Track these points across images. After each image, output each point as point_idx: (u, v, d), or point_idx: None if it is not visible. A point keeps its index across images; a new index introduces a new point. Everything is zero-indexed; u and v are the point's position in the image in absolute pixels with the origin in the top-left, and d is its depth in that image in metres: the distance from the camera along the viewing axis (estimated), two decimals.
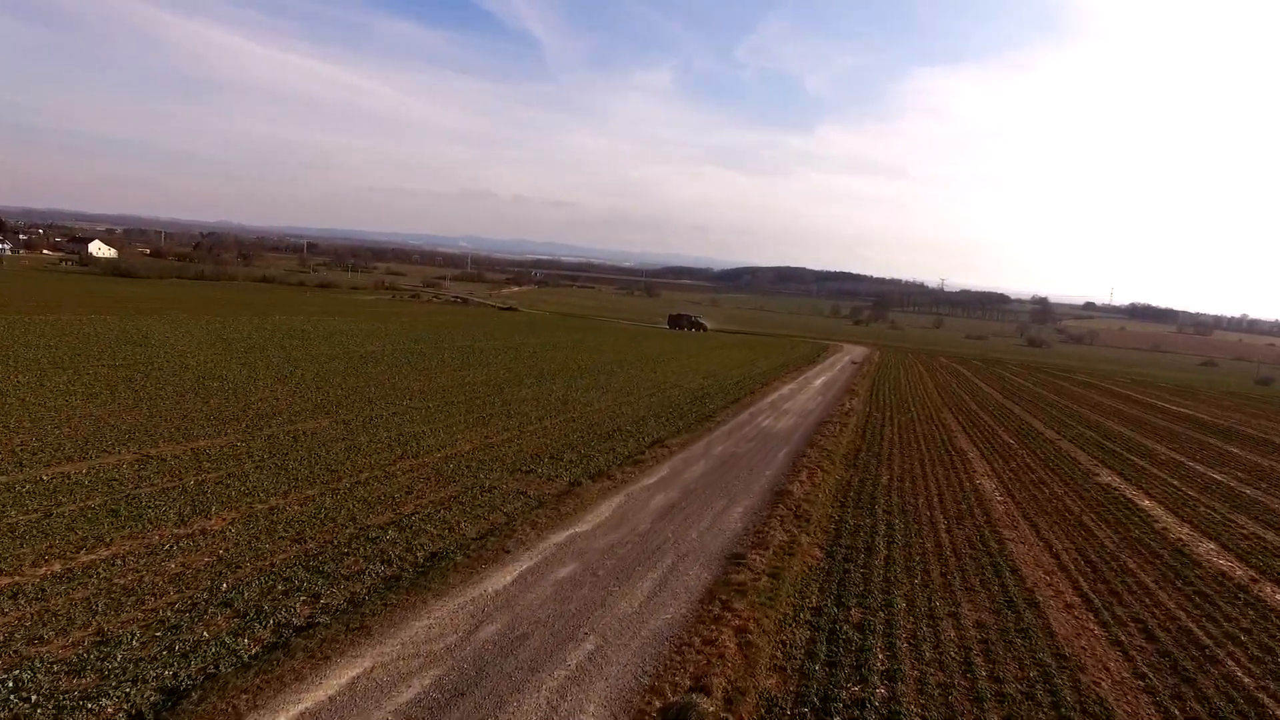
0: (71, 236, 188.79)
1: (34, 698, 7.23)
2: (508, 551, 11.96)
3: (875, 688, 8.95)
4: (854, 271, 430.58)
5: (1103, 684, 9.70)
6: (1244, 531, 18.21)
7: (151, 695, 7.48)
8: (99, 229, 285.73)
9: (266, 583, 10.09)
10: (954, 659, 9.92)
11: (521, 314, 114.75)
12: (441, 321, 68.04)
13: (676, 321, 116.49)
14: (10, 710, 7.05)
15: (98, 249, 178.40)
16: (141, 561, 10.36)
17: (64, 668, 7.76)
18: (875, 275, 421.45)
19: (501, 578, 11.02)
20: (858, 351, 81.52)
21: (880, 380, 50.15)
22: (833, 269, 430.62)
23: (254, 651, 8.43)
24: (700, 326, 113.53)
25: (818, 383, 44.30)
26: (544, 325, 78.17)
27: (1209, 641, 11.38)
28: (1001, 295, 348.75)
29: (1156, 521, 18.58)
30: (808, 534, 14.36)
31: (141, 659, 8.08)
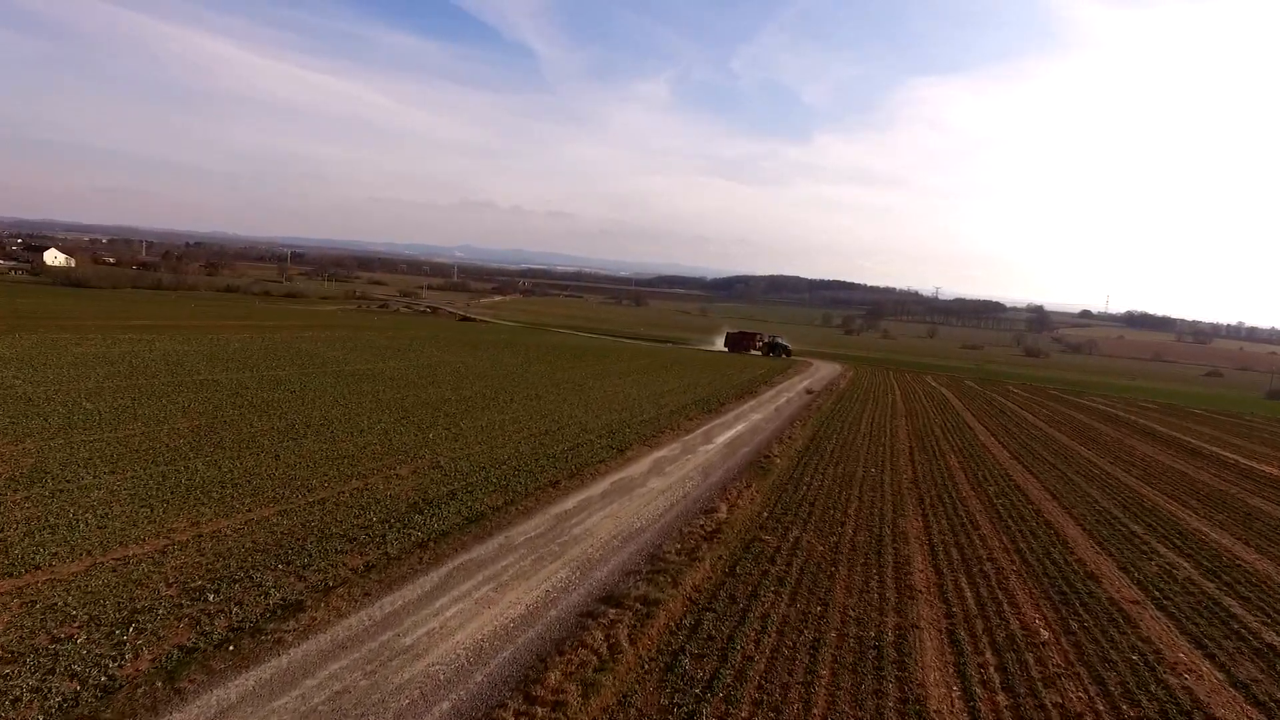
0: (27, 245, 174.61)
1: None
2: None
3: None
4: (850, 280, 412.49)
5: None
6: None
7: None
8: (85, 239, 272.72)
9: None
10: None
11: (475, 325, 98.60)
12: (307, 337, 51.74)
13: (739, 343, 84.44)
14: None
15: (52, 258, 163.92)
16: None
17: None
18: (870, 284, 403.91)
19: None
20: (824, 373, 64.45)
21: (829, 427, 33.34)
22: (827, 277, 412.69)
23: None
24: (782, 350, 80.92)
25: (722, 439, 27.55)
26: (450, 340, 61.75)
27: None
28: (997, 304, 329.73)
29: None
30: None
31: None
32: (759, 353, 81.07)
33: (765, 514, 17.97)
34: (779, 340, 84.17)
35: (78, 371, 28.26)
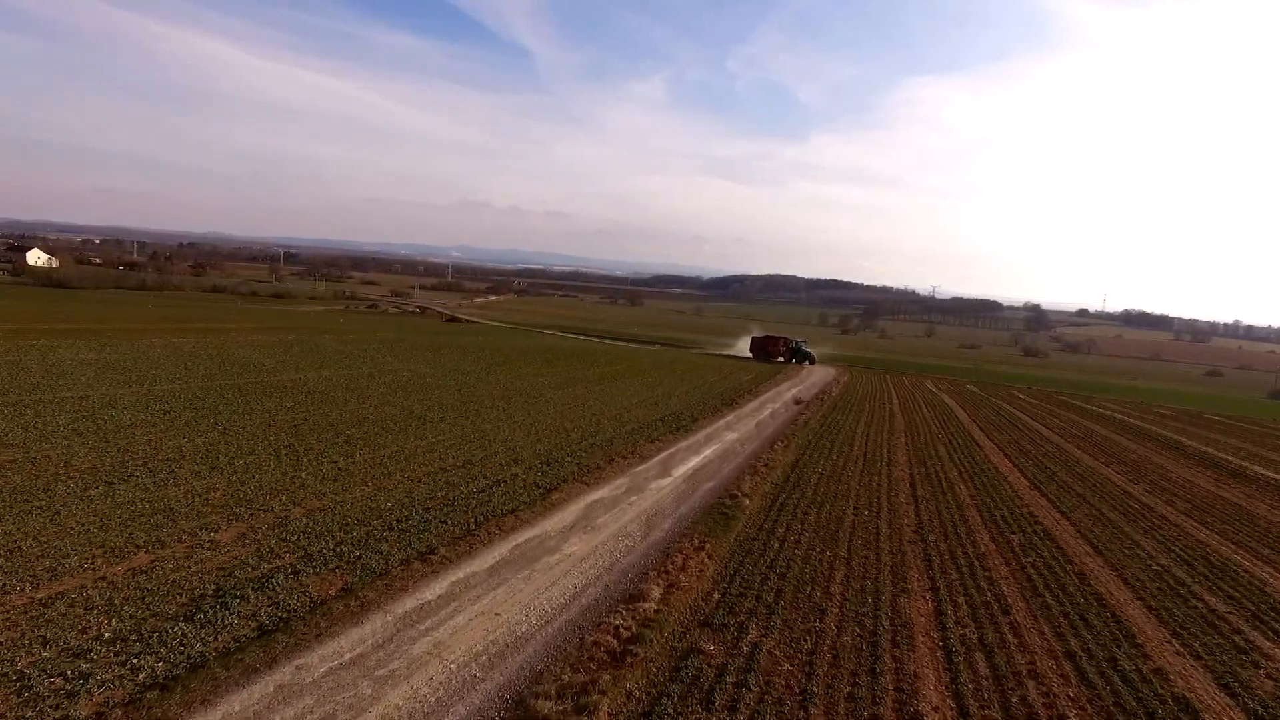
0: (11, 245, 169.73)
1: None
2: None
3: None
4: (848, 280, 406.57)
5: None
6: None
7: None
8: (77, 240, 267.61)
9: None
10: None
11: (458, 327, 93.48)
12: (252, 341, 46.56)
13: (763, 348, 75.44)
14: None
15: (35, 258, 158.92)
16: None
17: None
18: (867, 283, 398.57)
19: None
20: (816, 377, 59.21)
21: (817, 449, 28.13)
22: (823, 277, 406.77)
23: None
24: (803, 358, 73.74)
25: (682, 470, 22.31)
26: (414, 344, 56.55)
27: None
28: (995, 303, 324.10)
29: None
30: None
31: None
32: (783, 359, 74.79)
33: (716, 596, 12.80)
34: (802, 346, 76.12)
35: None
